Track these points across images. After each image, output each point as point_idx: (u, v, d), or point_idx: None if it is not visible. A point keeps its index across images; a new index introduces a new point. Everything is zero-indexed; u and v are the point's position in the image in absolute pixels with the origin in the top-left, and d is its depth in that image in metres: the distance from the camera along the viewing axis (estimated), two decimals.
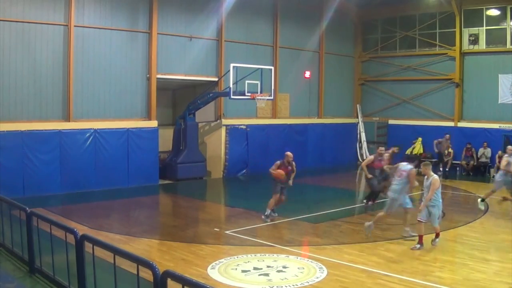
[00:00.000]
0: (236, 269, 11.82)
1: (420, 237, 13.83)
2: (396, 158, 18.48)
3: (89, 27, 22.72)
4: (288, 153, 17.48)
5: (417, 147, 31.95)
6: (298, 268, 12.00)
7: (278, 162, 17.32)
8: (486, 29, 30.29)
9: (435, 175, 13.95)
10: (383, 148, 19.66)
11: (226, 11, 26.83)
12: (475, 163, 29.36)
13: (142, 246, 13.82)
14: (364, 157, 34.04)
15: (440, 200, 14.03)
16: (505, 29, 29.66)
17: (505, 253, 13.64)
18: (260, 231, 15.98)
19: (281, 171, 17.14)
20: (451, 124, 31.15)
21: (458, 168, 30.01)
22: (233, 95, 24.17)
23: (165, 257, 12.77)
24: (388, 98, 34.10)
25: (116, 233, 15.39)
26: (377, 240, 14.75)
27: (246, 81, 24.33)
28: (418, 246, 13.68)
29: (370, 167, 18.66)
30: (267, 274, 11.48)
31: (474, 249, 13.95)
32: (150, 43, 24.48)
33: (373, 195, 19.22)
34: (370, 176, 18.60)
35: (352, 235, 16.05)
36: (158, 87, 25.06)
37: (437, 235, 14.05)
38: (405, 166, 14.85)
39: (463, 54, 31.06)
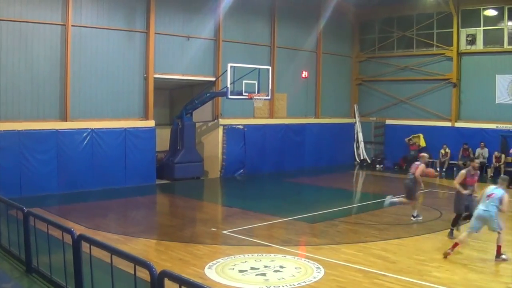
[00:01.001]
0: (233, 269, 11.83)
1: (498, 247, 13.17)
2: None
3: (86, 27, 22.70)
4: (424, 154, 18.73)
5: (421, 142, 31.92)
6: (295, 268, 12.00)
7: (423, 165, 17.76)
8: (483, 30, 30.34)
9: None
10: (478, 162, 16.71)
11: (223, 11, 26.82)
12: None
13: (139, 246, 13.82)
14: (362, 157, 34.20)
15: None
16: (503, 29, 29.70)
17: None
18: (257, 231, 15.98)
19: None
20: (448, 124, 31.18)
21: (455, 168, 30.02)
22: (230, 95, 24.17)
23: (162, 257, 12.77)
24: (386, 98, 34.10)
25: (114, 233, 15.38)
26: (374, 240, 14.76)
27: (244, 81, 24.33)
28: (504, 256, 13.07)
29: (463, 184, 15.47)
30: (264, 274, 11.48)
31: (472, 249, 13.96)
32: (148, 42, 24.46)
33: (467, 217, 15.18)
34: (468, 192, 15.32)
35: (349, 235, 16.08)
36: (156, 87, 25.04)
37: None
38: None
39: (460, 54, 31.09)
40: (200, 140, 27.76)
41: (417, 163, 18.16)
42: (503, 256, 13.01)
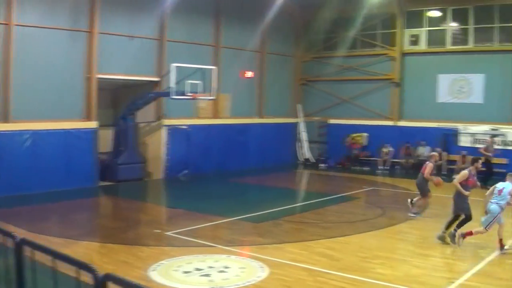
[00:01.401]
0: (177, 270, 11.76)
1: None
2: None
3: (29, 26, 22.18)
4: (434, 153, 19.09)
5: (363, 141, 32.31)
6: (240, 268, 12.02)
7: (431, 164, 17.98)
8: (426, 30, 30.90)
9: None
10: (481, 163, 16.28)
11: (168, 11, 26.64)
12: (414, 162, 29.86)
13: (82, 249, 13.62)
14: (305, 157, 34.40)
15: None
16: (445, 30, 30.30)
17: (444, 248, 13.96)
18: (201, 232, 15.91)
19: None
20: (391, 123, 31.64)
21: (396, 167, 30.51)
22: (174, 95, 24.08)
23: (105, 260, 12.61)
24: (329, 98, 34.35)
25: (56, 236, 15.10)
26: (318, 239, 14.87)
27: (187, 81, 24.27)
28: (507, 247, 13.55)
29: (464, 184, 14.74)
30: (208, 275, 11.46)
31: (414, 245, 14.23)
32: (91, 42, 24.12)
33: (465, 220, 14.60)
34: (468, 193, 14.70)
35: (293, 233, 16.18)
36: (99, 87, 24.73)
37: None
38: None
39: (403, 54, 31.60)
40: (143, 140, 27.54)
41: (426, 162, 18.40)
42: (506, 247, 13.46)
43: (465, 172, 14.57)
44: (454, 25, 30.35)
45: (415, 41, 31.18)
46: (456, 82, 29.92)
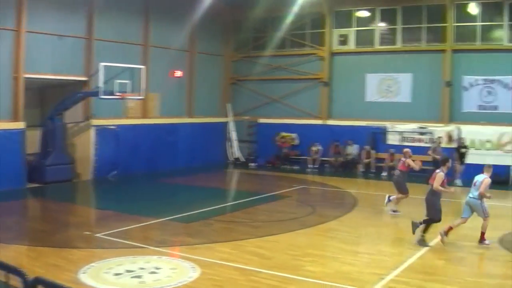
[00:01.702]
0: (108, 272, 11.62)
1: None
2: None
3: None
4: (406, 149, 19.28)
5: (289, 139, 32.57)
6: (171, 268, 11.96)
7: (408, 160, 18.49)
8: (355, 30, 31.37)
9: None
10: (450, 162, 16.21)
11: (96, 9, 26.29)
12: (343, 160, 30.30)
13: (10, 253, 13.29)
14: (236, 156, 34.42)
15: None
16: (374, 30, 30.83)
17: (374, 245, 14.22)
18: (132, 233, 15.76)
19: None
20: (320, 122, 31.99)
21: (326, 165, 30.87)
22: (102, 95, 23.80)
23: (35, 264, 12.34)
24: (259, 97, 34.48)
25: None
26: (249, 238, 14.93)
27: (116, 81, 24.02)
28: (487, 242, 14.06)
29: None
30: (139, 276, 11.37)
31: (344, 243, 14.42)
32: (18, 41, 23.59)
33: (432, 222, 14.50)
34: (452, 190, 15.34)
35: (224, 233, 16.18)
36: (26, 87, 24.21)
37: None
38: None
39: (332, 54, 32.01)
40: (71, 141, 27.08)
41: (402, 159, 18.69)
42: (486, 242, 13.84)
43: (441, 174, 14.50)
44: (382, 25, 30.93)
45: (343, 41, 31.64)
46: (384, 81, 30.49)
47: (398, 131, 29.55)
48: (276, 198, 21.91)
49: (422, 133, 28.34)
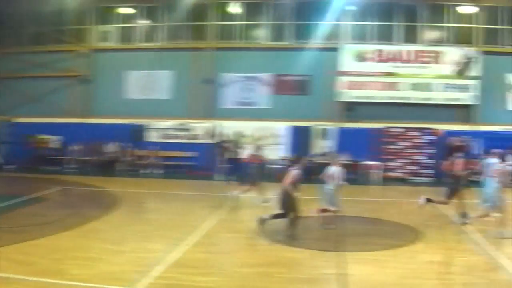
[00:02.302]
0: None
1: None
2: None
3: None
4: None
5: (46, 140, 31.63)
6: None
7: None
8: (117, 27, 31.20)
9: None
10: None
11: None
12: (104, 159, 30.00)
13: None
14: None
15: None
16: (137, 27, 30.87)
17: (138, 243, 14.28)
18: None
19: None
20: (80, 120, 31.46)
21: (86, 165, 30.36)
22: None
23: None
24: (16, 96, 32.90)
25: None
26: (9, 244, 14.31)
27: None
28: None
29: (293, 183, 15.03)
30: None
31: (108, 242, 14.31)
32: None
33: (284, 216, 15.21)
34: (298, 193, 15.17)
35: None
36: None
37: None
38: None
39: (93, 51, 31.57)
40: None
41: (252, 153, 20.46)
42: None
43: (298, 172, 14.93)
44: (145, 22, 31.05)
45: (105, 37, 31.35)
46: (144, 78, 30.67)
47: (158, 128, 29.88)
48: (36, 201, 21.13)
49: (182, 130, 28.89)
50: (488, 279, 11.95)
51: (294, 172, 14.95)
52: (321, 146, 28.65)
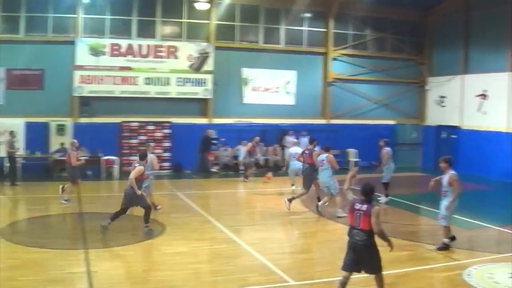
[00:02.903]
0: None
1: None
2: None
3: None
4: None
5: None
6: None
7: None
8: None
9: None
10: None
11: None
12: None
13: None
14: None
15: None
16: None
17: None
18: None
19: None
20: None
21: None
22: None
23: None
24: None
25: None
26: None
27: None
28: None
29: (139, 179, 15.32)
30: None
31: None
32: None
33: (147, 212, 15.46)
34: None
35: None
36: None
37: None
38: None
39: None
40: None
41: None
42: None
43: (141, 168, 15.13)
44: None
45: None
46: None
47: None
48: None
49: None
50: (234, 265, 12.67)
51: (140, 168, 15.16)
52: (59, 142, 27.86)
